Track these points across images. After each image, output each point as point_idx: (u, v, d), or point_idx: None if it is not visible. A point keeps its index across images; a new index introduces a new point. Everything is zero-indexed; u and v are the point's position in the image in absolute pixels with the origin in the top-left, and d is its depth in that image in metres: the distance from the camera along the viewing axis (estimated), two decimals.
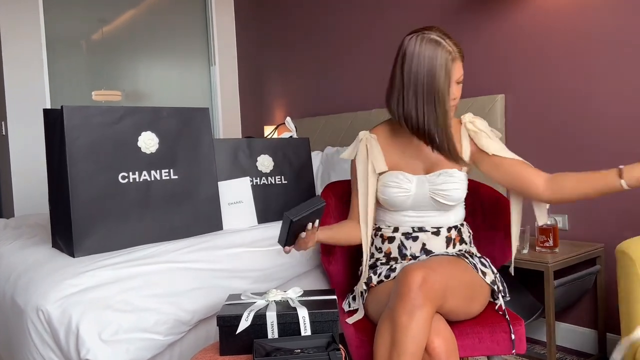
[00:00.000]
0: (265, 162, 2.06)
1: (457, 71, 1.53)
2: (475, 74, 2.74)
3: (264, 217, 2.02)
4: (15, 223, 2.46)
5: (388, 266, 1.61)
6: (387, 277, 1.58)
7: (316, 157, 3.13)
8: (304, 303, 1.42)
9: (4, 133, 3.59)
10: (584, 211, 2.36)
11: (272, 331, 1.34)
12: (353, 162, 1.70)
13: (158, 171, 1.77)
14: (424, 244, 1.59)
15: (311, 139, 3.62)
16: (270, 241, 1.84)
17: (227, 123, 4.50)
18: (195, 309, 1.60)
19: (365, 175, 1.65)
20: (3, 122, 3.58)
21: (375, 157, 1.63)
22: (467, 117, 1.64)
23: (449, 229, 1.61)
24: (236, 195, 1.94)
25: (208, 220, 1.87)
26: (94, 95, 3.87)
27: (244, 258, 1.75)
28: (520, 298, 2.41)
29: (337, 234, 1.61)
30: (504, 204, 1.79)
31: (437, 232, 1.60)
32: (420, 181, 1.59)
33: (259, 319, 1.34)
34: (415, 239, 1.60)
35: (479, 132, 1.61)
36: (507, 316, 1.55)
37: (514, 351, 1.50)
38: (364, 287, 1.61)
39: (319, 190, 2.83)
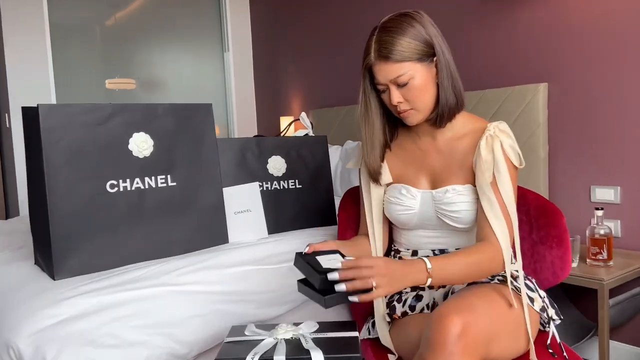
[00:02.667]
0: (276, 165, 1.81)
1: (378, 73, 1.26)
2: (514, 59, 2.44)
3: (275, 227, 1.78)
4: (9, 227, 2.27)
5: (414, 293, 1.36)
6: (412, 307, 1.34)
7: (335, 153, 2.87)
8: (320, 342, 1.18)
9: (7, 126, 3.42)
10: None
11: None
12: (359, 172, 1.47)
13: (153, 178, 1.54)
14: None
15: (330, 131, 3.36)
16: (281, 257, 1.61)
17: (241, 113, 4.27)
18: (193, 340, 1.38)
19: (367, 187, 1.42)
20: (6, 115, 3.41)
21: None
22: (493, 129, 1.28)
23: None
24: (244, 203, 1.70)
25: (211, 232, 1.64)
26: (108, 84, 3.73)
27: (250, 278, 1.52)
28: (568, 316, 2.14)
29: (352, 248, 1.36)
30: (555, 214, 1.52)
31: None
32: (425, 198, 1.33)
33: None
34: None
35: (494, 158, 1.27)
36: (564, 352, 1.29)
37: None
38: (387, 319, 1.37)
39: (338, 191, 2.58)
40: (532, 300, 1.29)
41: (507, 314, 1.19)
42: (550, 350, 1.31)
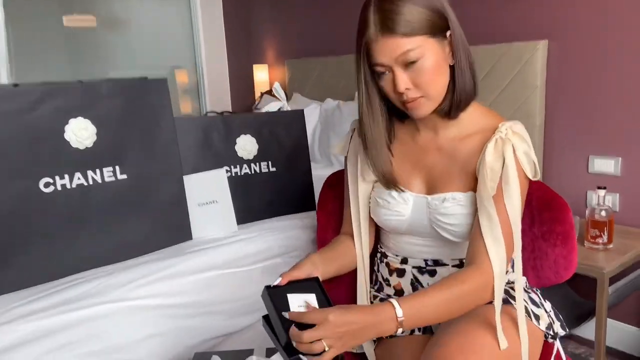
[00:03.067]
0: (246, 145, 1.58)
1: (381, 51, 0.99)
2: (511, 14, 2.20)
3: (246, 216, 1.58)
4: None
5: None
6: None
7: (313, 112, 2.63)
8: None
9: None
10: None
11: None
12: (346, 160, 1.25)
13: (98, 171, 1.31)
14: None
15: (307, 85, 3.09)
16: (251, 259, 1.42)
17: (210, 55, 3.92)
18: None
19: (355, 181, 1.20)
20: None
21: (365, 160, 1.17)
22: (505, 130, 1.05)
23: None
24: (209, 193, 1.49)
25: (171, 229, 1.44)
26: (65, 21, 3.37)
27: (216, 285, 1.34)
28: (563, 297, 2.04)
29: (333, 261, 1.18)
30: (562, 208, 1.35)
31: (460, 266, 1.17)
32: (419, 203, 1.13)
33: None
34: (432, 273, 1.18)
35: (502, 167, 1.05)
36: None
37: None
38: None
39: (316, 157, 2.36)
40: (537, 317, 1.14)
41: (512, 344, 1.04)
42: None
